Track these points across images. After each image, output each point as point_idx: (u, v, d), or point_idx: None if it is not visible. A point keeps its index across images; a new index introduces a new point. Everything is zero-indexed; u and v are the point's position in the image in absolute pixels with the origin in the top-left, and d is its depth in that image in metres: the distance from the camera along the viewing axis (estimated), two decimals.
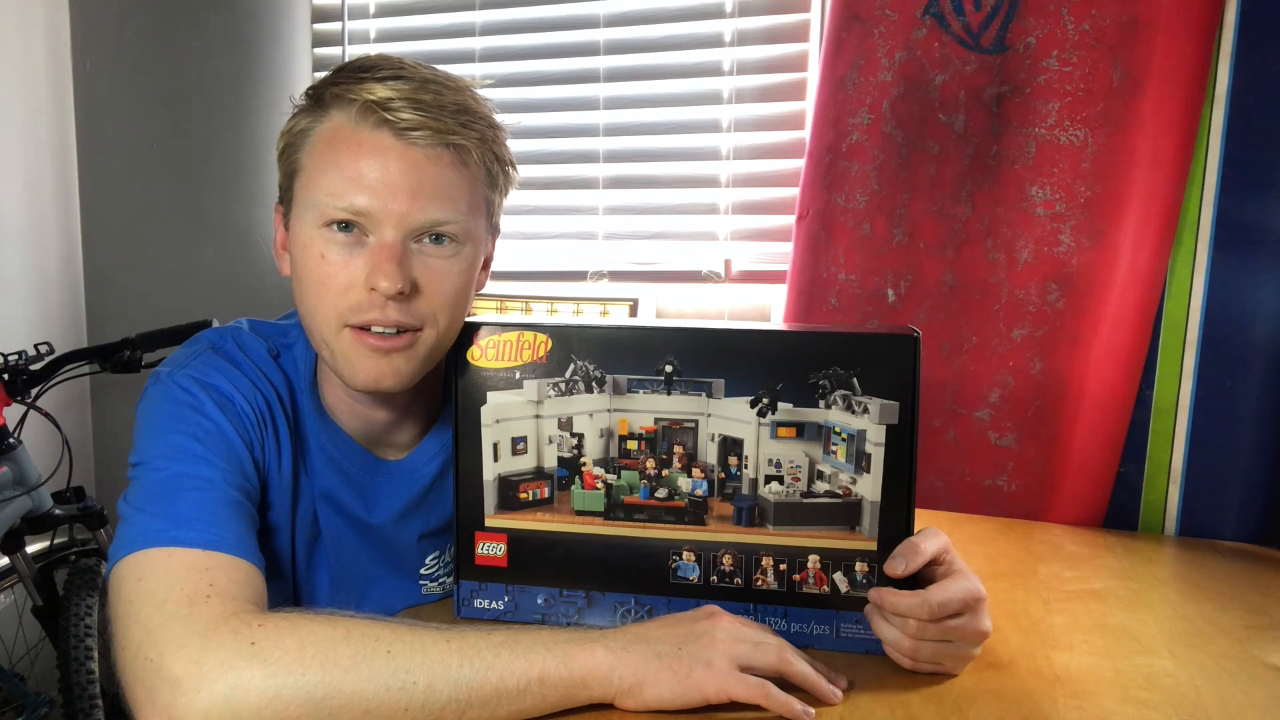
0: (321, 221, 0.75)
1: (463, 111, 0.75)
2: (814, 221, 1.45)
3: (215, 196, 2.07)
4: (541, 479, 0.78)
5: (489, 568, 0.79)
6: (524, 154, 1.85)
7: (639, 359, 0.76)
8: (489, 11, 1.84)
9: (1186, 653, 0.78)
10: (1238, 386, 1.21)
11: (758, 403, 0.74)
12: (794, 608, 0.76)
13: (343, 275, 0.75)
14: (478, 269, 0.82)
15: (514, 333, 0.77)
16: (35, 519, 1.69)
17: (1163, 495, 1.25)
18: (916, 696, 0.68)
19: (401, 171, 0.73)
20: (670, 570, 0.77)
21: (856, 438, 0.73)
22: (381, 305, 0.74)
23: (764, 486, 0.75)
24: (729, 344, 0.75)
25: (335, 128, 0.75)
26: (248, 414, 0.80)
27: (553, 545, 0.78)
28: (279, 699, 0.60)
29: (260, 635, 0.62)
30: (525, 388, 0.77)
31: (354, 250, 0.75)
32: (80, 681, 1.63)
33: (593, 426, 0.77)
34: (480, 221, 0.80)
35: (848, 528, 0.75)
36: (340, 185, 0.73)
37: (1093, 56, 1.26)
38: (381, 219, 0.74)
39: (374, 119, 0.73)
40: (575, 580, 0.79)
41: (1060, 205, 1.28)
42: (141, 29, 2.10)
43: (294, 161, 0.79)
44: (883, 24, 1.38)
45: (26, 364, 1.66)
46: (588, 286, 1.80)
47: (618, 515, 0.78)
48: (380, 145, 0.73)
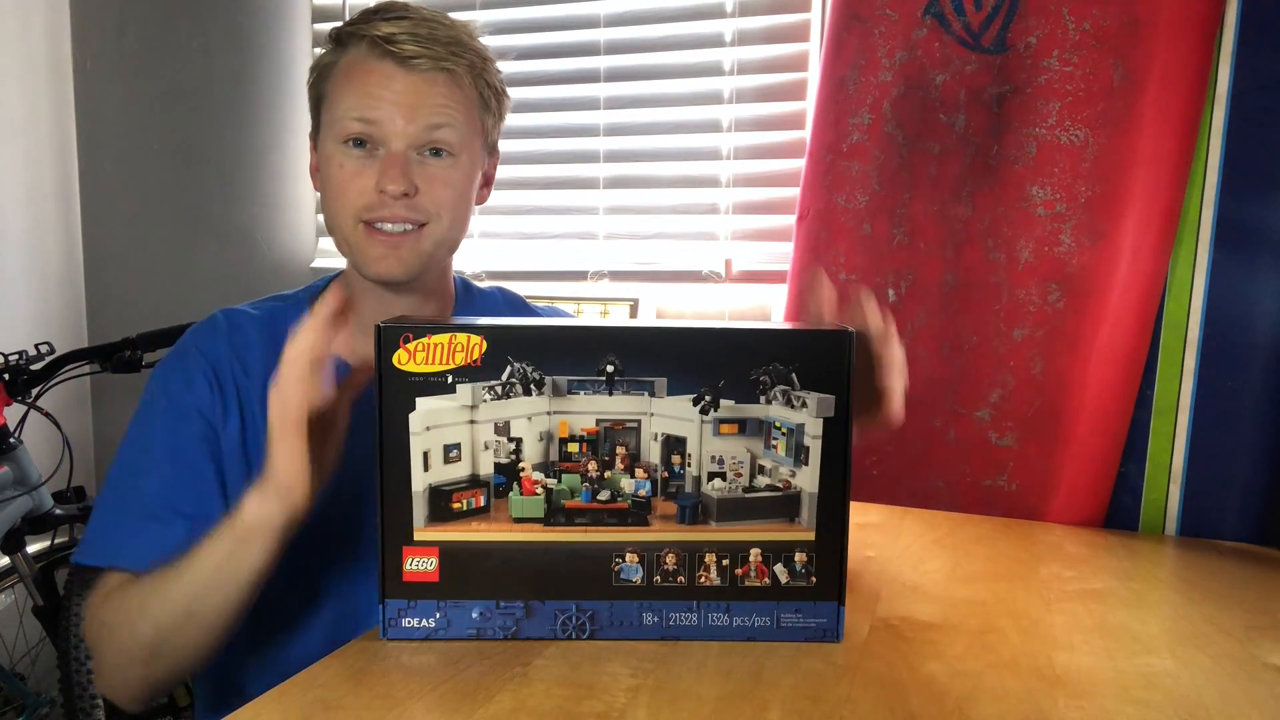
0: (340, 138, 0.90)
1: (455, 43, 0.90)
2: (814, 221, 1.45)
3: (215, 196, 2.07)
4: (477, 487, 0.75)
5: (418, 584, 0.75)
6: (524, 154, 1.85)
7: (579, 359, 0.74)
8: (489, 11, 1.84)
9: (1187, 653, 0.78)
10: (1238, 386, 1.21)
11: (700, 400, 0.74)
12: (736, 602, 0.76)
13: (358, 181, 0.90)
14: (475, 182, 0.97)
15: (445, 334, 0.73)
16: (36, 519, 1.69)
17: (1163, 495, 1.25)
18: (916, 696, 0.68)
19: (403, 92, 0.88)
20: (613, 573, 0.76)
21: (796, 431, 0.74)
22: (390, 204, 0.89)
23: (707, 484, 0.75)
24: (671, 342, 0.74)
25: (351, 61, 0.90)
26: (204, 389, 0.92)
27: (489, 555, 0.75)
28: (122, 650, 0.83)
29: (104, 614, 0.84)
30: (458, 392, 0.74)
31: (367, 162, 0.90)
32: (80, 681, 1.64)
33: (531, 430, 0.75)
34: (475, 139, 0.94)
35: (787, 519, 0.76)
36: (354, 105, 0.89)
37: (1093, 56, 1.26)
38: (388, 132, 0.89)
39: (380, 51, 0.88)
40: (513, 591, 0.76)
41: (1061, 205, 1.28)
42: (142, 29, 2.10)
43: (320, 91, 0.94)
44: (883, 24, 1.38)
45: (27, 364, 1.66)
46: (588, 286, 1.80)
47: (559, 520, 0.75)
48: (386, 72, 0.88)
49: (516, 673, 0.70)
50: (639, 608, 0.76)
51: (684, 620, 0.76)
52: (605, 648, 0.75)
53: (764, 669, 0.72)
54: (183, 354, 0.95)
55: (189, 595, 0.78)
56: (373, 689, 0.68)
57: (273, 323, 0.97)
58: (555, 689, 0.68)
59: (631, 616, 0.76)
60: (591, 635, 0.76)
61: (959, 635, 0.80)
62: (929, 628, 0.81)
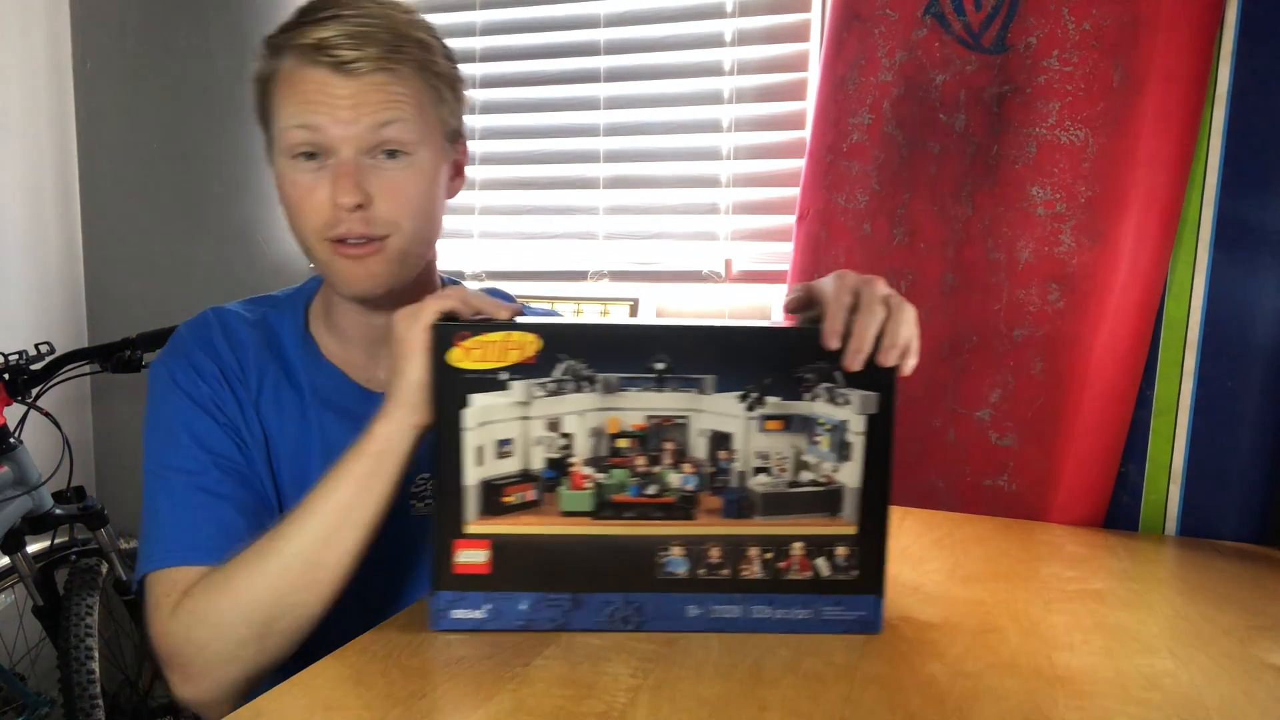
0: (289, 152, 0.86)
1: (394, 38, 0.85)
2: (814, 221, 1.45)
3: (215, 196, 2.07)
4: (528, 481, 0.77)
5: (469, 575, 0.77)
6: (524, 154, 1.85)
7: (629, 357, 0.76)
8: (489, 11, 1.84)
9: (1187, 653, 0.78)
10: (1238, 386, 1.21)
11: (747, 397, 0.76)
12: (779, 594, 0.78)
13: (312, 197, 0.85)
14: (440, 177, 0.91)
15: (500, 333, 0.75)
16: (36, 519, 1.69)
17: (1163, 495, 1.25)
18: (916, 697, 0.68)
19: (345, 99, 0.83)
20: (658, 566, 0.78)
21: (839, 428, 0.76)
22: (347, 218, 0.85)
23: (752, 479, 0.77)
24: (720, 341, 0.76)
25: (288, 71, 0.85)
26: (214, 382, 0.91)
27: (539, 548, 0.77)
28: (228, 636, 0.78)
29: (194, 604, 0.79)
30: (512, 389, 0.76)
31: (319, 175, 0.85)
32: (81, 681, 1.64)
33: (582, 426, 0.77)
34: (433, 132, 0.89)
35: (830, 514, 0.77)
36: (294, 113, 0.84)
37: (1093, 56, 1.26)
38: (334, 142, 0.84)
39: (315, 58, 0.83)
40: (561, 583, 0.78)
41: (1061, 205, 1.28)
42: (142, 28, 2.10)
43: (265, 108, 0.89)
44: (883, 24, 1.38)
45: (27, 364, 1.66)
46: (588, 286, 1.80)
47: (606, 514, 0.77)
48: (324, 80, 0.83)
49: (517, 672, 0.70)
50: (684, 600, 0.77)
51: (727, 612, 0.78)
52: (605, 648, 0.75)
53: (764, 669, 0.72)
54: (182, 350, 0.93)
55: (316, 541, 0.78)
56: (372, 689, 0.68)
57: (266, 327, 0.96)
58: (555, 689, 0.68)
59: (676, 608, 0.78)
60: (637, 627, 0.78)
61: (959, 635, 0.80)
62: (929, 628, 0.81)
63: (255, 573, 0.78)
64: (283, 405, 0.93)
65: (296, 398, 0.94)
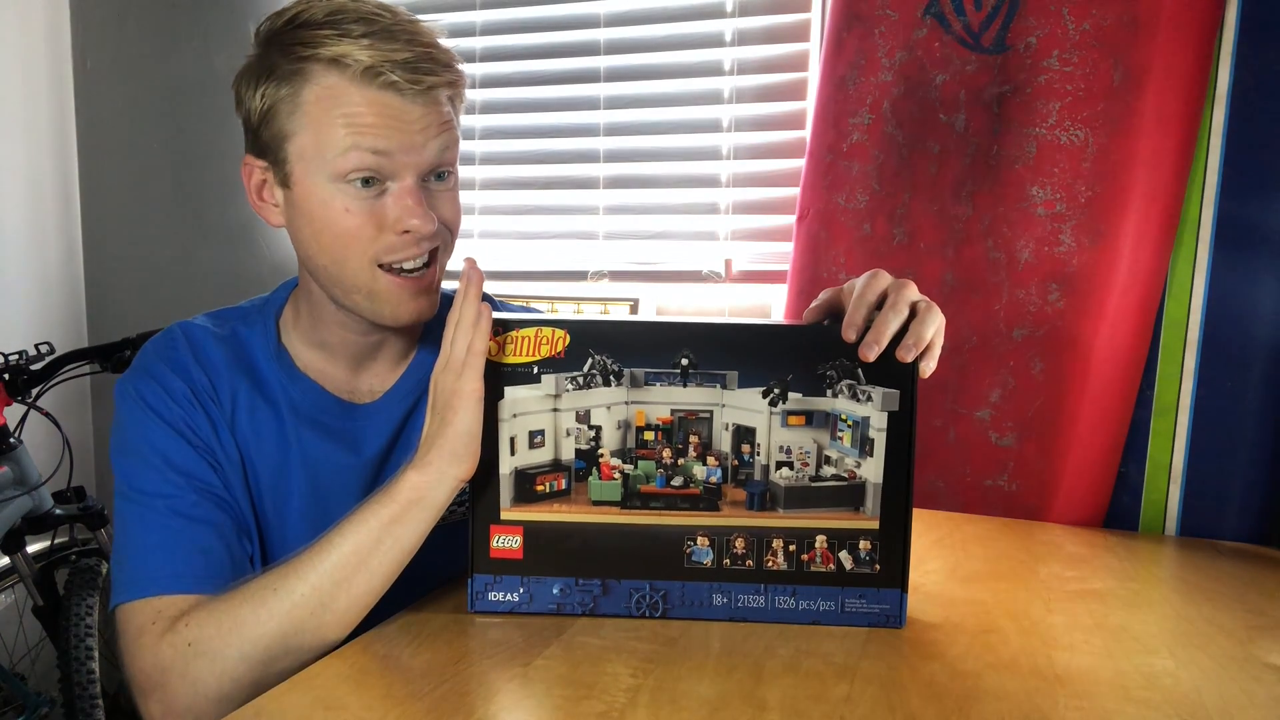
0: (339, 178, 0.81)
1: (435, 61, 0.82)
2: (814, 221, 1.45)
3: (215, 196, 2.07)
4: (559, 471, 0.80)
5: (504, 560, 0.80)
6: (524, 154, 1.85)
7: (655, 353, 0.79)
8: (489, 11, 1.84)
9: (1187, 653, 0.78)
10: (1238, 386, 1.21)
11: (769, 393, 0.78)
12: (802, 586, 0.80)
13: (371, 223, 0.82)
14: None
15: (532, 329, 0.78)
16: (36, 519, 1.69)
17: (1163, 495, 1.25)
18: (916, 697, 0.68)
19: (414, 123, 0.80)
20: (684, 555, 0.80)
21: (861, 424, 0.78)
22: (412, 246, 0.83)
23: (775, 472, 0.79)
24: (742, 338, 0.79)
25: (329, 88, 0.80)
26: (186, 403, 0.87)
27: (569, 536, 0.80)
28: (224, 671, 0.74)
29: (191, 634, 0.75)
30: (543, 382, 0.79)
31: (376, 200, 0.82)
32: (81, 681, 1.64)
33: (610, 419, 0.80)
34: (458, 148, 0.88)
35: (852, 509, 0.79)
36: (361, 142, 0.79)
37: (1093, 56, 1.26)
38: (400, 168, 0.81)
39: (366, 78, 0.79)
40: (591, 569, 0.80)
41: (1061, 205, 1.28)
42: (142, 28, 2.10)
43: (281, 126, 0.82)
44: (883, 24, 1.38)
45: (27, 364, 1.66)
46: (588, 286, 1.80)
47: (634, 504, 0.80)
48: (388, 103, 0.80)
49: (517, 672, 0.70)
50: (709, 589, 0.80)
51: (752, 602, 0.80)
52: (606, 648, 0.75)
53: (764, 669, 0.72)
54: (150, 369, 0.88)
55: (330, 583, 0.76)
56: (373, 689, 0.68)
57: (236, 342, 0.92)
58: (555, 689, 0.68)
59: (702, 597, 0.80)
60: (664, 614, 0.80)
61: (959, 635, 0.80)
62: (929, 628, 0.81)
63: (263, 609, 0.75)
64: (259, 423, 0.90)
65: (273, 414, 0.90)
